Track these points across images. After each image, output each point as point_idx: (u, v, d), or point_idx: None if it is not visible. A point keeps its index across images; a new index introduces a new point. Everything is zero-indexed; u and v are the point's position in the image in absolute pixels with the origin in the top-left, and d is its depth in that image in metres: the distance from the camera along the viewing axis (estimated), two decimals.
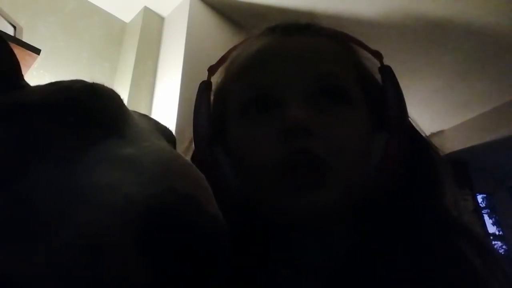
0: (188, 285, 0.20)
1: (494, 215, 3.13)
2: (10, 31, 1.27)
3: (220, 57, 0.48)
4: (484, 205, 3.20)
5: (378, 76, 0.43)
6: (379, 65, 0.43)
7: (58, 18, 1.66)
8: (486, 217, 3.09)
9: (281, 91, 0.38)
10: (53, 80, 0.32)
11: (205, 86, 0.44)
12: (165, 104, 1.57)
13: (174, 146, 0.40)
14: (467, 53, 2.02)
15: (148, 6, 1.85)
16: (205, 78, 0.45)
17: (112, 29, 1.86)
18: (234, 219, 0.36)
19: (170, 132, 0.38)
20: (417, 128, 0.44)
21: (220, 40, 1.80)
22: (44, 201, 0.22)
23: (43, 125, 0.27)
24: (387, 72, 0.42)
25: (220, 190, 0.40)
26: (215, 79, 0.47)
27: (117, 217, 0.20)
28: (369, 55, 0.44)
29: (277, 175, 0.36)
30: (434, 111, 2.58)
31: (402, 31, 1.87)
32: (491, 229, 3.05)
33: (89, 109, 0.28)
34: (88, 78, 0.32)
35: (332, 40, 0.43)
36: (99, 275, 0.19)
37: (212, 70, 0.46)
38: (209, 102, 0.43)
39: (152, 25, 1.85)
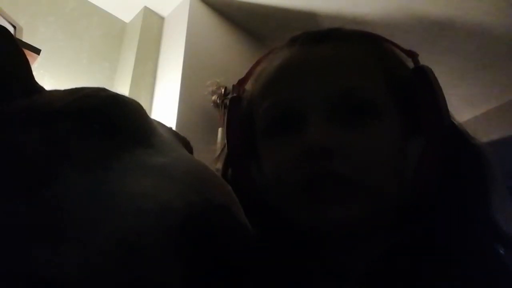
0: None
1: None
2: (10, 31, 1.26)
3: (219, 58, 0.48)
4: None
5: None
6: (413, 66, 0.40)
7: (58, 18, 1.66)
8: None
9: (303, 108, 0.37)
10: (53, 80, 0.31)
11: (235, 102, 0.44)
12: (165, 104, 1.57)
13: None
14: (467, 53, 2.02)
15: (148, 6, 1.85)
16: (204, 78, 0.45)
17: (112, 29, 1.86)
18: (268, 229, 0.35)
19: (188, 141, 0.38)
20: (462, 130, 0.40)
21: (220, 40, 1.81)
22: (77, 206, 0.23)
23: (69, 132, 0.27)
24: (420, 73, 0.39)
25: (254, 202, 0.39)
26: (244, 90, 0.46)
27: (156, 223, 0.21)
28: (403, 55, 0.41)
29: (302, 192, 0.35)
30: None
31: (402, 31, 1.86)
32: None
33: (114, 118, 0.29)
34: (88, 78, 0.32)
35: (358, 46, 0.41)
36: (138, 279, 0.20)
37: (240, 84, 0.46)
38: (239, 118, 0.43)
39: (152, 25, 1.85)
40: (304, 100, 0.37)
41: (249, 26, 1.92)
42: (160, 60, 1.78)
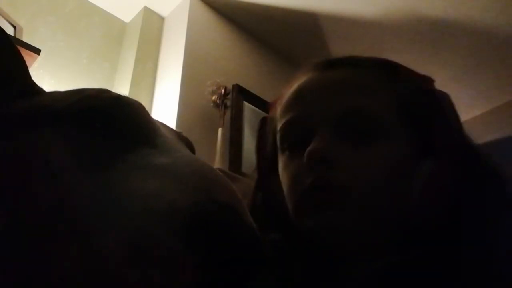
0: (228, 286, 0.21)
1: None
2: (10, 31, 1.26)
3: (219, 57, 0.50)
4: None
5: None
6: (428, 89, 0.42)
7: (58, 18, 1.66)
8: None
9: (313, 125, 0.40)
10: (53, 80, 0.31)
11: (262, 123, 0.49)
12: (165, 104, 1.57)
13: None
14: (467, 54, 2.02)
15: (148, 6, 1.85)
16: (205, 78, 0.47)
17: (112, 29, 1.86)
18: (287, 241, 0.39)
19: (190, 141, 0.39)
20: (482, 153, 0.40)
21: (220, 40, 1.80)
22: (83, 206, 0.23)
23: (72, 133, 0.27)
24: (433, 98, 0.41)
25: (277, 215, 0.43)
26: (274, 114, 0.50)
27: (163, 222, 0.21)
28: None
29: (305, 203, 0.38)
30: None
31: (402, 31, 1.86)
32: None
33: (117, 119, 0.29)
34: (88, 78, 0.32)
35: (369, 70, 0.43)
36: (148, 278, 0.20)
37: (270, 106, 0.50)
38: (266, 137, 0.48)
39: (152, 25, 1.85)
40: (314, 118, 0.40)
41: (249, 26, 1.92)
42: (160, 60, 1.78)
